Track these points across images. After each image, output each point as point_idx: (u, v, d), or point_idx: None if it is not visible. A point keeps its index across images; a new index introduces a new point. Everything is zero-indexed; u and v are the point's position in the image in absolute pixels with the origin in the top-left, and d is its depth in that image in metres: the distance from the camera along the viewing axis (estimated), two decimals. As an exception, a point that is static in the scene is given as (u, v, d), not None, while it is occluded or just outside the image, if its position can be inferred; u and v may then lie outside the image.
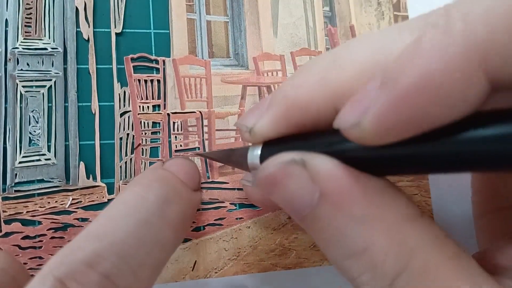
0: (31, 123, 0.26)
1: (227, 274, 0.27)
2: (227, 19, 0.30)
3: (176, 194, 0.20)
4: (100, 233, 0.17)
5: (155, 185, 0.19)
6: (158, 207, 0.19)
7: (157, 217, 0.18)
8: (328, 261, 0.28)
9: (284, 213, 0.28)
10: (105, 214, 0.18)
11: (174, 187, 0.20)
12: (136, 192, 0.19)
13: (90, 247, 0.17)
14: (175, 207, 0.19)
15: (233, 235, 0.27)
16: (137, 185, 0.19)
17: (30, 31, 0.26)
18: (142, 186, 0.19)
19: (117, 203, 0.19)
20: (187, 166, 0.21)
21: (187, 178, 0.21)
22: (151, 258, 0.18)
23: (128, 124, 0.27)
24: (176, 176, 0.20)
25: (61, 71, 0.27)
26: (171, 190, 0.20)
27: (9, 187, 0.25)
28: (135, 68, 0.28)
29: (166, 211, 0.19)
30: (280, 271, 0.28)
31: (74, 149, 0.26)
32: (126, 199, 0.19)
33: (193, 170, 0.22)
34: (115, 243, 0.17)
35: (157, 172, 0.20)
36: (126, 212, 0.18)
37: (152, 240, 0.18)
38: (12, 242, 0.24)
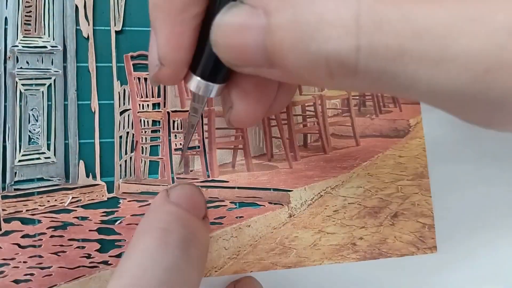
0: (30, 121, 0.26)
1: (227, 273, 0.27)
2: (227, 17, 0.30)
3: (194, 234, 0.20)
4: (133, 285, 0.17)
5: (174, 229, 0.19)
6: (181, 251, 0.18)
7: (183, 261, 0.18)
8: (327, 260, 0.28)
9: (284, 211, 0.28)
10: (132, 264, 0.18)
11: (191, 227, 0.20)
12: (157, 239, 0.18)
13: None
14: (195, 248, 0.19)
15: (233, 234, 0.27)
16: (156, 231, 0.19)
17: (30, 29, 0.26)
18: (161, 231, 0.19)
19: (142, 252, 0.18)
20: (194, 196, 0.21)
21: (197, 210, 0.21)
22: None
23: (128, 122, 0.27)
24: (189, 213, 0.20)
25: (61, 69, 0.27)
26: (189, 231, 0.19)
27: (9, 185, 0.25)
28: (135, 66, 0.28)
29: (189, 253, 0.19)
30: (280, 270, 0.28)
31: (74, 148, 0.26)
32: (148, 247, 0.18)
33: (200, 198, 0.21)
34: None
35: (169, 212, 0.20)
36: (153, 260, 0.18)
37: (182, 284, 0.18)
38: (12, 240, 0.24)
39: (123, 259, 0.19)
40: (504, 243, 0.31)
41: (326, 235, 0.29)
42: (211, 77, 0.17)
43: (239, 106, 0.18)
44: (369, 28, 0.12)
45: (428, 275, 0.30)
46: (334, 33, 0.12)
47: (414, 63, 0.12)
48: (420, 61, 0.12)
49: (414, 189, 0.30)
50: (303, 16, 0.13)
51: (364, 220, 0.29)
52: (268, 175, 0.29)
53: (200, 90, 0.17)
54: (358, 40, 0.12)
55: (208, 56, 0.16)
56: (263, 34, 0.14)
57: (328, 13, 0.12)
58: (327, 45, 0.13)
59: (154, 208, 0.20)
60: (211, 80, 0.17)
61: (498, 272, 0.31)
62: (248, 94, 0.18)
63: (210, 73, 0.16)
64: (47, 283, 0.24)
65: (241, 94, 0.18)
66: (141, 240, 0.19)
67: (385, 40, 0.12)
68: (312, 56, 0.13)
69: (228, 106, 0.19)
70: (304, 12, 0.13)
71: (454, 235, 0.30)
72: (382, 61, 0.12)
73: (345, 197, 0.29)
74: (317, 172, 0.29)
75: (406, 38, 0.12)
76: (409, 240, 0.29)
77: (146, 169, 0.27)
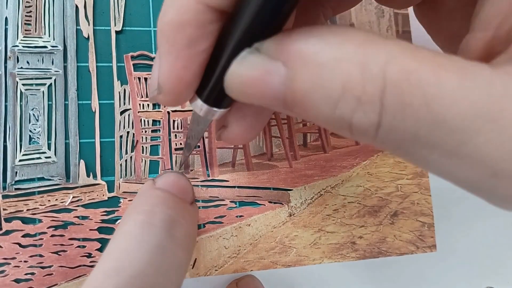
0: (31, 121, 0.26)
1: (227, 272, 0.27)
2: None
3: (179, 214, 0.20)
4: (117, 268, 0.17)
5: (158, 210, 0.19)
6: (166, 231, 0.18)
7: (168, 241, 0.18)
8: (326, 259, 0.28)
9: (284, 210, 0.28)
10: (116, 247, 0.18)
11: (175, 208, 0.20)
12: (141, 221, 0.19)
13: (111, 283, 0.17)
14: (181, 228, 0.19)
15: (233, 233, 0.27)
16: (140, 213, 0.19)
17: (30, 29, 0.26)
18: (145, 214, 0.19)
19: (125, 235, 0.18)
20: (180, 181, 0.21)
21: (183, 193, 0.21)
22: (170, 282, 0.18)
23: (128, 122, 0.27)
24: (174, 195, 0.20)
25: (61, 69, 0.27)
26: (174, 212, 0.19)
27: (10, 185, 0.25)
28: (135, 66, 0.28)
29: (174, 233, 0.19)
30: (280, 268, 0.28)
31: (74, 147, 0.26)
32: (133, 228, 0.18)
33: (186, 184, 0.21)
34: (135, 275, 0.17)
35: (154, 195, 0.20)
36: (137, 242, 0.18)
37: (168, 265, 0.18)
38: (13, 240, 0.24)
39: (109, 242, 0.19)
40: (503, 242, 0.31)
41: (326, 234, 0.29)
42: (216, 103, 0.17)
43: (234, 128, 0.18)
44: (392, 110, 0.12)
45: (428, 274, 0.30)
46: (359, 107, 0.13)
47: (428, 150, 0.12)
48: (434, 149, 0.12)
49: (414, 188, 0.30)
50: (327, 81, 0.13)
51: (364, 219, 0.29)
52: (268, 174, 0.29)
53: (203, 113, 0.17)
54: (380, 118, 0.12)
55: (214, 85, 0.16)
56: (283, 88, 0.14)
57: (354, 84, 0.12)
58: (352, 116, 0.13)
59: (140, 193, 0.20)
60: (215, 106, 0.17)
61: (498, 272, 0.31)
62: (245, 118, 0.18)
63: (215, 100, 0.16)
64: (48, 282, 0.24)
65: (238, 117, 0.18)
66: (125, 223, 0.19)
67: (404, 124, 0.12)
68: (335, 118, 0.13)
69: (222, 124, 0.19)
70: (329, 76, 0.13)
71: (453, 234, 0.30)
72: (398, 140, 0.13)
73: (345, 196, 0.30)
74: (317, 171, 0.29)
75: (425, 126, 0.12)
76: (409, 239, 0.29)
77: (146, 168, 0.27)
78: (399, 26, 0.32)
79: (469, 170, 0.12)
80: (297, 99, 0.14)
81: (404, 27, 0.32)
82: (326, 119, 0.13)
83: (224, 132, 0.19)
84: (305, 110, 0.14)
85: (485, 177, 0.12)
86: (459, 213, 0.30)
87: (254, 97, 0.15)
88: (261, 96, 0.14)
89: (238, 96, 0.15)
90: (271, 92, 0.14)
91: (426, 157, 0.13)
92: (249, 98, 0.15)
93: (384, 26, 0.32)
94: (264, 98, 0.14)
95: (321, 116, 0.13)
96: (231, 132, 0.18)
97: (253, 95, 0.14)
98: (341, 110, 0.13)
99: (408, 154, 0.13)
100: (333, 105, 0.13)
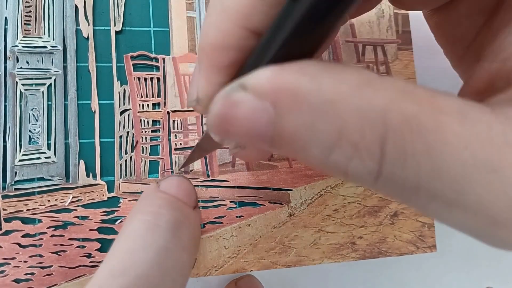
0: (31, 121, 0.26)
1: (227, 272, 0.27)
2: (227, 17, 0.30)
3: (184, 217, 0.20)
4: (123, 268, 0.17)
5: (164, 212, 0.19)
6: (172, 233, 0.19)
7: (173, 243, 0.18)
8: (326, 259, 0.28)
9: (284, 211, 0.28)
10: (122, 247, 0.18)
11: (181, 211, 0.20)
12: (147, 221, 0.19)
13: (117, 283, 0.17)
14: (186, 230, 0.19)
15: (233, 233, 0.27)
16: (146, 214, 0.19)
17: (30, 29, 0.26)
18: (151, 214, 0.19)
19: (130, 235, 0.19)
20: (184, 185, 0.21)
21: (187, 197, 0.21)
22: (175, 284, 0.18)
23: (128, 122, 0.27)
24: (180, 199, 0.20)
25: (61, 69, 0.27)
26: (179, 214, 0.20)
27: (9, 185, 0.25)
28: (135, 66, 0.28)
29: (179, 235, 0.19)
30: (280, 269, 0.28)
31: (74, 147, 0.26)
32: (139, 229, 0.19)
33: (190, 188, 0.21)
34: (140, 276, 0.17)
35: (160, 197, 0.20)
36: (143, 243, 0.18)
37: (173, 266, 0.18)
38: (12, 240, 0.24)
39: (114, 243, 0.19)
40: (503, 242, 0.31)
41: (326, 234, 0.29)
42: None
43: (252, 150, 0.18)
44: (393, 159, 0.12)
45: (428, 274, 0.30)
46: (357, 155, 0.12)
47: (428, 199, 0.12)
48: (434, 198, 0.12)
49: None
50: (321, 124, 0.12)
51: (364, 219, 0.29)
52: (268, 174, 0.29)
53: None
54: (379, 167, 0.12)
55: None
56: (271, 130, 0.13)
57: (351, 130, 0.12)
58: (348, 163, 0.12)
59: (145, 195, 0.21)
60: None
61: (498, 272, 0.31)
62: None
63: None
64: (48, 282, 0.24)
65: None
66: (131, 223, 0.19)
67: (405, 174, 0.12)
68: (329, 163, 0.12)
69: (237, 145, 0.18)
70: (322, 120, 0.12)
71: (453, 234, 0.30)
72: (397, 189, 0.12)
73: (345, 196, 0.29)
74: (317, 171, 0.29)
75: (425, 175, 0.12)
76: (409, 239, 0.29)
77: (146, 168, 0.27)
78: (399, 26, 0.32)
79: (469, 219, 0.12)
80: (286, 141, 0.13)
81: (404, 27, 0.32)
82: (319, 163, 0.13)
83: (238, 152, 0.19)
84: (296, 152, 0.13)
85: (485, 226, 0.12)
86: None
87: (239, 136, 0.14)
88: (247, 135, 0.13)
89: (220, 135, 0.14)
90: (257, 131, 0.13)
91: (426, 205, 0.12)
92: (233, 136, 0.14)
93: (384, 26, 0.32)
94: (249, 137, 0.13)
95: (312, 159, 0.13)
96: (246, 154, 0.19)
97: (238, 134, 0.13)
98: (336, 157, 0.12)
99: (408, 202, 0.13)
100: (327, 152, 0.12)
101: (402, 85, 0.12)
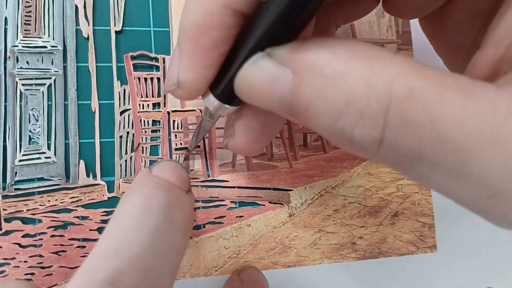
0: (31, 121, 0.26)
1: (227, 272, 0.27)
2: (227, 17, 0.30)
3: (177, 199, 0.20)
4: (116, 250, 0.17)
5: (156, 194, 0.19)
6: (165, 215, 0.19)
7: (166, 225, 0.18)
8: (326, 259, 0.28)
9: (284, 211, 0.28)
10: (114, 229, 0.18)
11: (174, 193, 0.20)
12: (140, 203, 0.19)
13: (110, 265, 0.16)
14: (179, 212, 0.19)
15: (233, 233, 0.27)
16: (138, 196, 0.19)
17: (30, 29, 0.26)
18: (144, 197, 0.19)
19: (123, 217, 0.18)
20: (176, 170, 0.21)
21: (180, 181, 0.21)
22: (168, 266, 0.18)
23: (128, 122, 0.27)
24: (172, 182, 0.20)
25: (61, 69, 0.27)
26: (172, 196, 0.20)
27: (9, 185, 0.25)
28: (135, 66, 0.28)
29: (172, 217, 0.19)
30: (280, 269, 0.28)
31: (74, 147, 0.26)
32: (132, 211, 0.18)
33: (182, 172, 0.21)
34: (133, 258, 0.17)
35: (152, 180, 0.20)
36: (136, 224, 0.18)
37: (166, 248, 0.18)
38: (12, 240, 0.24)
39: (107, 225, 0.19)
40: (504, 242, 0.31)
41: (326, 234, 0.29)
42: (228, 100, 0.17)
43: (240, 138, 0.19)
44: (395, 126, 0.12)
45: (428, 274, 0.30)
46: (361, 122, 0.13)
47: (429, 168, 0.12)
48: (435, 167, 0.12)
49: (414, 189, 0.30)
50: (331, 92, 0.13)
51: (364, 219, 0.29)
52: (268, 174, 0.29)
53: (214, 109, 0.17)
54: (382, 134, 0.12)
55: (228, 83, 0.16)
56: (289, 94, 0.14)
57: (358, 98, 0.13)
58: (353, 130, 0.13)
59: (137, 179, 0.21)
60: (227, 103, 0.17)
61: (498, 272, 0.31)
62: (251, 130, 0.18)
63: (227, 97, 0.17)
64: (48, 282, 0.24)
65: (245, 128, 0.18)
66: (124, 205, 0.19)
67: (407, 141, 0.12)
68: (336, 129, 0.13)
69: (229, 133, 0.19)
70: (333, 88, 0.13)
71: (454, 235, 0.30)
72: (399, 157, 0.13)
73: (345, 196, 0.29)
74: (317, 172, 0.29)
75: (428, 144, 0.12)
76: (409, 239, 0.29)
77: (146, 168, 0.27)
78: (399, 26, 0.32)
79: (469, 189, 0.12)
80: (301, 107, 0.14)
81: (404, 27, 0.32)
82: (327, 130, 0.14)
83: (230, 141, 0.19)
84: (308, 119, 0.14)
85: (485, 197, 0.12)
86: (460, 214, 0.30)
87: (261, 101, 0.15)
88: (268, 100, 0.15)
89: (245, 98, 0.15)
90: (277, 97, 0.14)
91: (427, 174, 0.13)
92: (256, 101, 0.15)
93: (384, 26, 0.32)
94: (270, 102, 0.15)
95: (322, 126, 0.14)
96: (237, 141, 0.19)
97: (260, 98, 0.15)
98: (342, 122, 0.13)
99: (409, 171, 0.13)
100: (335, 117, 0.13)
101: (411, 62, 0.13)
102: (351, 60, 0.13)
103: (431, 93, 0.12)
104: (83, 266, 0.17)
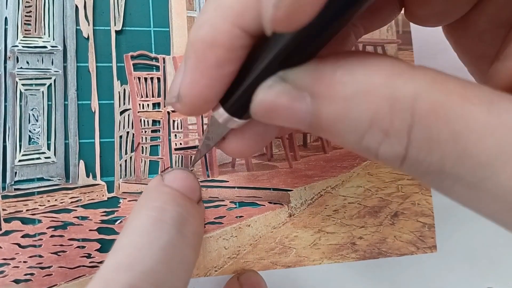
0: (30, 121, 0.26)
1: (227, 272, 0.27)
2: (227, 17, 0.30)
3: (189, 213, 0.20)
4: (129, 264, 0.17)
5: (169, 208, 0.19)
6: (177, 229, 0.19)
7: (178, 239, 0.18)
8: (326, 260, 0.28)
9: (284, 211, 0.28)
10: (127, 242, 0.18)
11: (186, 207, 0.20)
12: (153, 217, 0.19)
13: (123, 279, 0.17)
14: (190, 226, 0.19)
15: (233, 233, 0.27)
16: (151, 210, 0.19)
17: (30, 29, 0.26)
18: (157, 210, 0.19)
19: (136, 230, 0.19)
20: (188, 180, 0.21)
21: (191, 192, 0.21)
22: (179, 280, 0.18)
23: (128, 122, 0.27)
24: (184, 194, 0.20)
25: (61, 69, 0.27)
26: (184, 210, 0.20)
27: (9, 185, 0.25)
28: (135, 66, 0.28)
29: (184, 231, 0.19)
30: (280, 269, 0.28)
31: (74, 148, 0.26)
32: (144, 225, 0.18)
33: (194, 182, 0.21)
34: (146, 272, 0.17)
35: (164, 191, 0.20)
36: (149, 238, 0.18)
37: (178, 262, 0.18)
38: (12, 240, 0.24)
39: (119, 237, 0.19)
40: (504, 243, 0.31)
41: (326, 234, 0.29)
42: (238, 114, 0.17)
43: (232, 142, 0.19)
44: (418, 143, 0.13)
45: (428, 274, 0.30)
46: (386, 141, 0.13)
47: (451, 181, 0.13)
48: (457, 181, 0.13)
49: (414, 189, 0.30)
50: (355, 113, 0.13)
51: (364, 219, 0.29)
52: (268, 174, 0.29)
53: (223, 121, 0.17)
54: (406, 151, 0.13)
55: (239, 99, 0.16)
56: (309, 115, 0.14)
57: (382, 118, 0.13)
58: (378, 148, 0.13)
59: (149, 189, 0.21)
60: (237, 116, 0.17)
61: (498, 272, 0.31)
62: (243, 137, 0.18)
63: (238, 111, 0.17)
64: (47, 283, 0.24)
65: (237, 134, 0.18)
66: (136, 218, 0.19)
67: (430, 158, 0.13)
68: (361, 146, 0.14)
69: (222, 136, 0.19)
70: (356, 109, 0.13)
71: (454, 235, 0.30)
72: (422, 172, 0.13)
73: (345, 196, 0.29)
74: (317, 172, 0.29)
75: (450, 160, 0.12)
76: (409, 239, 0.29)
77: (146, 168, 0.27)
78: (399, 26, 0.32)
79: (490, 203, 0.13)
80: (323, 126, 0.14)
81: (404, 27, 0.32)
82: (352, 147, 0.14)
83: (222, 144, 0.19)
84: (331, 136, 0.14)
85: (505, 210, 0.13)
86: (460, 214, 0.30)
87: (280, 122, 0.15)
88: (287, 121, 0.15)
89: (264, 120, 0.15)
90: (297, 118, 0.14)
91: (449, 187, 0.13)
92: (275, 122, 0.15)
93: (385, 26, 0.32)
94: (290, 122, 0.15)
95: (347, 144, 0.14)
96: (228, 145, 0.19)
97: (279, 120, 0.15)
98: (367, 141, 0.13)
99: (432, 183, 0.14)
100: (360, 137, 0.13)
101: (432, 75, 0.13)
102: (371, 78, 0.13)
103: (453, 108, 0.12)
104: (96, 279, 0.17)
